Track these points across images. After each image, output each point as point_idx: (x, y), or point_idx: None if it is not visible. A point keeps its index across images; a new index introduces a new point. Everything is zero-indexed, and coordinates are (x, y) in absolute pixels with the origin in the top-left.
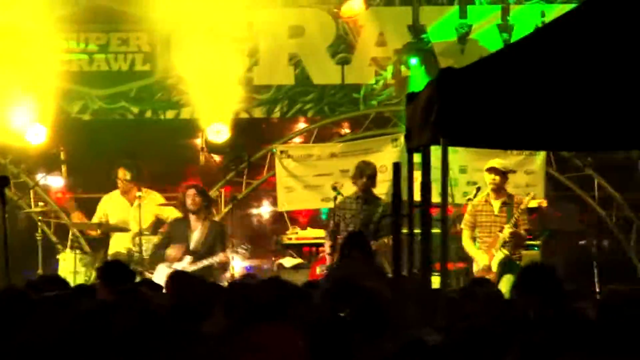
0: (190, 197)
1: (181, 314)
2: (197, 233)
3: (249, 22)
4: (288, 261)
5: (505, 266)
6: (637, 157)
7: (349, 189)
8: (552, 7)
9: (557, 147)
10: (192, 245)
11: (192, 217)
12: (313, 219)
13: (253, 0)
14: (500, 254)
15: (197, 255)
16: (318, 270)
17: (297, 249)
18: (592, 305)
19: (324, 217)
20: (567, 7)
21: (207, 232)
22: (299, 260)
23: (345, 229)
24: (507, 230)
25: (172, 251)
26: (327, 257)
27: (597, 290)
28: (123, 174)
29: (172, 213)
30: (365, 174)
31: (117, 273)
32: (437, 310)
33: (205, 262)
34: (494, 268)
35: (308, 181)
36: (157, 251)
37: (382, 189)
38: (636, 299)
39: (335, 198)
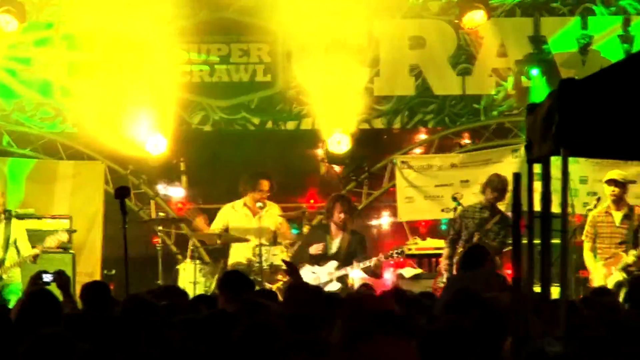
0: (338, 210)
1: (298, 323)
2: (337, 241)
3: (369, 33)
4: (408, 271)
5: (622, 287)
6: None
7: (469, 199)
8: None
9: None
10: (333, 251)
11: (333, 225)
12: (433, 229)
13: (374, 12)
14: (618, 275)
15: (340, 262)
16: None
17: (417, 259)
18: None
19: (443, 227)
20: None
21: (349, 240)
22: (418, 271)
23: (467, 238)
24: (632, 254)
25: (313, 249)
26: (444, 266)
27: None
28: (265, 185)
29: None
30: (496, 188)
31: (237, 283)
32: (557, 321)
33: (349, 269)
34: (610, 285)
35: (428, 191)
36: (298, 253)
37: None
38: None
39: (455, 209)
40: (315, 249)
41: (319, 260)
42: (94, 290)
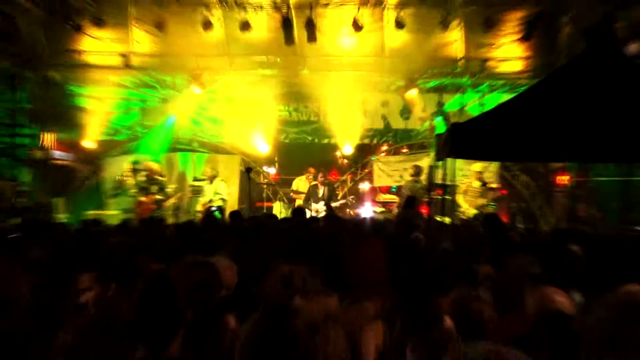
0: (321, 176)
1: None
2: (321, 190)
3: (362, 101)
4: (378, 209)
5: (477, 218)
6: None
7: (406, 177)
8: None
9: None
10: (320, 196)
11: (319, 184)
12: (388, 190)
13: (365, 88)
14: (475, 211)
15: (325, 201)
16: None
17: (382, 204)
18: None
19: (394, 189)
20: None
21: (327, 190)
22: (383, 209)
23: (405, 196)
24: (480, 202)
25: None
26: (395, 207)
27: None
28: (312, 170)
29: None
30: (417, 172)
31: (300, 211)
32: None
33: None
34: (471, 216)
35: (388, 172)
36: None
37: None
38: None
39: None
40: (313, 194)
41: (317, 200)
42: (235, 213)
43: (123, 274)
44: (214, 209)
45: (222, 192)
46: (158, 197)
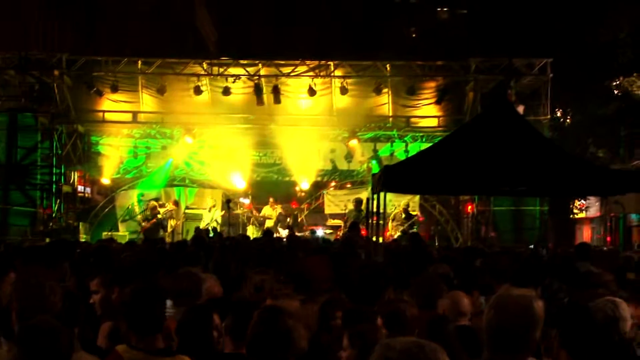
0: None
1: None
2: (287, 218)
3: (318, 149)
4: (328, 231)
5: (402, 238)
6: None
7: (349, 206)
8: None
9: (436, 192)
10: (285, 222)
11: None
12: (336, 216)
13: (323, 137)
14: (399, 233)
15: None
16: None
17: (331, 228)
18: None
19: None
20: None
21: (291, 218)
22: (331, 231)
23: (350, 221)
24: (401, 229)
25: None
26: (342, 230)
27: None
28: (273, 202)
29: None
30: (358, 203)
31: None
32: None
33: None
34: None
35: (335, 202)
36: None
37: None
38: None
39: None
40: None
41: (284, 226)
42: (218, 234)
43: (128, 280)
44: (210, 228)
45: (218, 219)
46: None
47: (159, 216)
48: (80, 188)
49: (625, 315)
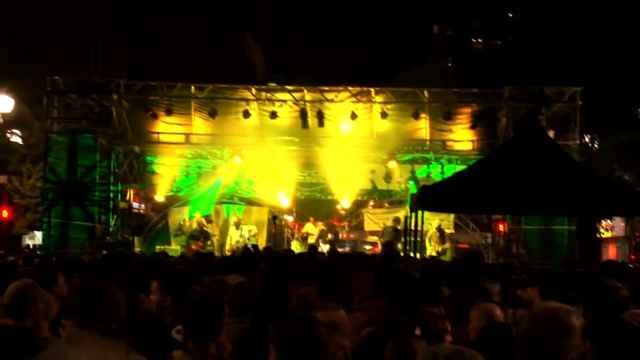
0: (327, 224)
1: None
2: (328, 235)
3: (359, 170)
4: (367, 247)
5: (442, 255)
6: None
7: (389, 223)
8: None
9: (482, 212)
10: (327, 238)
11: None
12: (375, 233)
13: (367, 158)
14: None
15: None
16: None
17: (370, 244)
18: None
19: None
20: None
21: (333, 234)
22: (370, 247)
23: (387, 238)
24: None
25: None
26: (380, 245)
27: None
28: (315, 221)
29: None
30: (396, 220)
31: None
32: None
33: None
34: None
35: (375, 220)
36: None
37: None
38: None
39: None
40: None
41: (325, 241)
42: (266, 248)
43: (180, 289)
44: (249, 246)
45: (246, 235)
46: (202, 244)
47: (206, 241)
48: (135, 205)
49: None
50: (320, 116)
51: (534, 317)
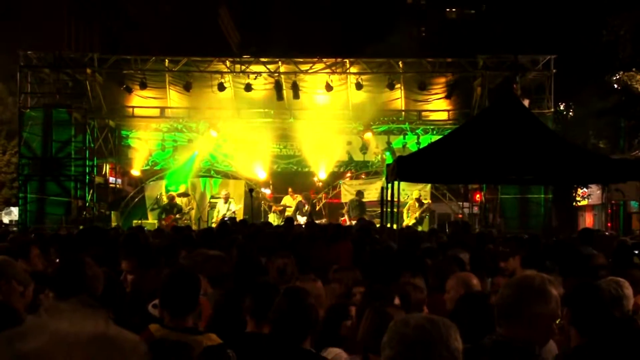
0: (305, 196)
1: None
2: (305, 207)
3: (336, 139)
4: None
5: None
6: None
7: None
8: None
9: (451, 182)
10: (304, 210)
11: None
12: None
13: (344, 130)
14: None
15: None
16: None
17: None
18: None
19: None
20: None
21: (309, 206)
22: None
23: (349, 208)
24: (414, 216)
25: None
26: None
27: None
28: (292, 191)
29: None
30: (360, 193)
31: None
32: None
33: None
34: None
35: (351, 192)
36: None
37: (374, 196)
38: None
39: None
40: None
41: (302, 213)
42: (242, 221)
43: (157, 263)
44: (226, 219)
45: (233, 208)
46: (176, 217)
47: (177, 215)
48: (111, 179)
49: (628, 294)
50: (295, 88)
51: (510, 284)
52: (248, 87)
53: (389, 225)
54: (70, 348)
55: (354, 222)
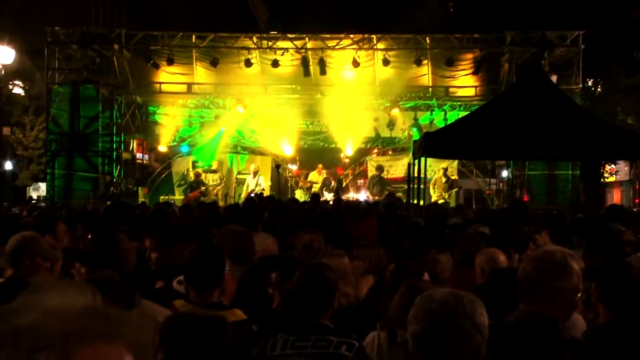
0: (332, 172)
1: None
2: (332, 183)
3: (362, 116)
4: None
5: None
6: None
7: (391, 172)
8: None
9: (484, 157)
10: (331, 186)
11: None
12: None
13: (371, 106)
14: (445, 196)
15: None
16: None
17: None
18: None
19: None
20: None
21: (336, 182)
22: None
23: (370, 184)
24: (445, 194)
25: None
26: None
27: None
28: (321, 167)
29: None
30: (380, 168)
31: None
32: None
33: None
34: (440, 200)
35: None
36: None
37: (401, 172)
38: None
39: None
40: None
41: (329, 189)
42: (269, 197)
43: (180, 239)
44: (252, 195)
45: (262, 184)
46: (202, 190)
47: (202, 188)
48: (138, 155)
49: None
50: (322, 64)
51: (531, 260)
52: (275, 63)
53: (414, 201)
54: (65, 320)
55: (376, 198)
